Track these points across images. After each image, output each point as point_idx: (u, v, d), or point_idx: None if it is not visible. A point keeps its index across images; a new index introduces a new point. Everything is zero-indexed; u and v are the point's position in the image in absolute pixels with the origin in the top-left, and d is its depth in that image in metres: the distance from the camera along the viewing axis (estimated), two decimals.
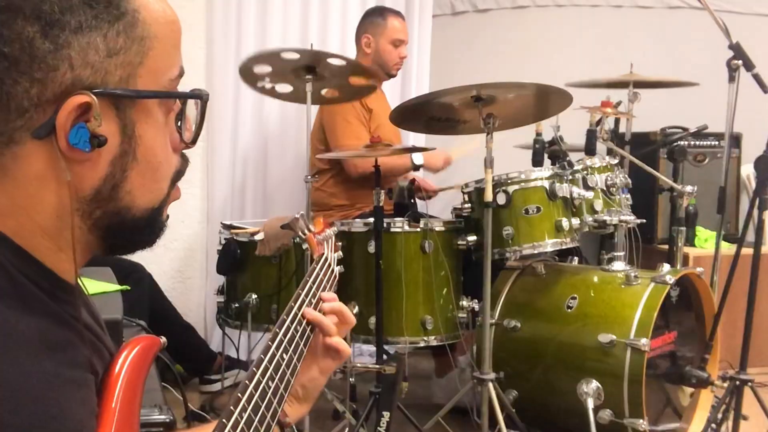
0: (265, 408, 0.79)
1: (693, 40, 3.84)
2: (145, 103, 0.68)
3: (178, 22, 0.71)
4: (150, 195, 0.70)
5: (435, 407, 2.61)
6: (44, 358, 0.61)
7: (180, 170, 0.74)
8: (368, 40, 3.26)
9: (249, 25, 3.47)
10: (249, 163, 3.54)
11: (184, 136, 0.73)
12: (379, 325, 2.44)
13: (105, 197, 0.67)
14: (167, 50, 0.69)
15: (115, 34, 0.64)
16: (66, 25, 0.62)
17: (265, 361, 0.84)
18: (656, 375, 2.36)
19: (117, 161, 0.67)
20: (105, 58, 0.64)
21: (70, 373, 0.63)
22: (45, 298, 0.64)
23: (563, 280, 2.52)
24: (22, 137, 0.63)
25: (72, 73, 0.63)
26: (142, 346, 0.73)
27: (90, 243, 0.69)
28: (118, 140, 0.66)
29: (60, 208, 0.65)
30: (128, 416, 0.68)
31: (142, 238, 0.73)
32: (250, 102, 3.50)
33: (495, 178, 2.42)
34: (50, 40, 0.61)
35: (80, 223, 0.67)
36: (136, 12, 0.66)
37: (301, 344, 0.97)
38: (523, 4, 4.09)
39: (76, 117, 0.63)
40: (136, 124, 0.67)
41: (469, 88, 2.27)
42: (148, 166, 0.69)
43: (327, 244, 1.31)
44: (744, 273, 2.40)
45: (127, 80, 0.66)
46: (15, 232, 0.64)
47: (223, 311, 2.82)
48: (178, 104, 0.72)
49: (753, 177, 2.79)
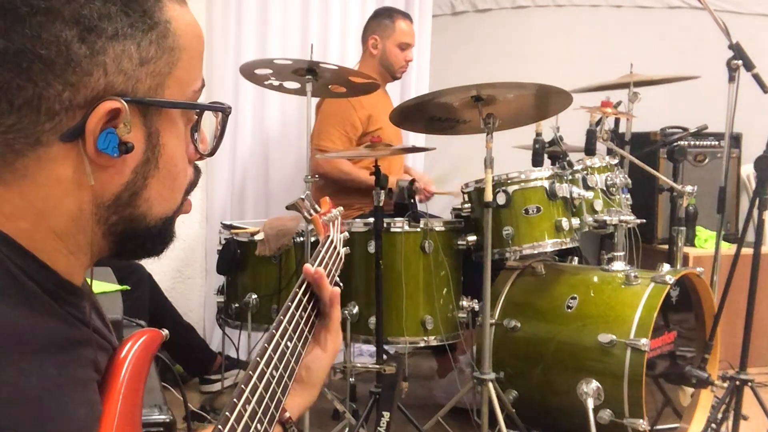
0: (269, 398, 0.80)
1: (693, 40, 3.84)
2: (171, 113, 0.69)
3: (203, 36, 0.73)
4: (166, 204, 0.71)
5: (435, 407, 2.61)
6: (46, 358, 0.61)
7: (193, 181, 0.76)
8: (375, 41, 3.26)
9: (249, 26, 3.47)
10: (249, 164, 3.55)
11: (199, 147, 0.74)
12: (379, 325, 2.44)
13: (123, 203, 0.68)
14: (193, 62, 0.70)
15: (148, 44, 0.65)
16: (103, 32, 0.62)
17: (269, 350, 0.85)
18: (656, 375, 2.36)
19: (140, 168, 0.67)
20: (137, 66, 0.65)
21: (73, 373, 0.63)
22: (49, 300, 0.64)
23: (563, 280, 2.52)
24: (49, 140, 0.63)
25: (105, 79, 0.63)
26: (144, 340, 0.73)
27: (101, 248, 0.70)
28: (143, 148, 0.67)
29: (78, 212, 0.65)
30: (130, 411, 0.68)
31: (152, 246, 0.74)
32: (250, 102, 3.50)
33: (495, 178, 2.42)
34: (87, 45, 0.62)
35: (95, 227, 0.67)
36: (168, 23, 0.67)
37: (306, 331, 0.97)
38: (523, 4, 4.09)
39: (105, 122, 0.63)
40: (160, 132, 0.68)
41: (469, 88, 2.28)
42: (168, 175, 0.70)
43: (333, 225, 1.30)
44: (744, 273, 2.40)
45: (156, 89, 0.67)
46: (25, 233, 0.64)
47: (223, 311, 2.82)
48: (194, 116, 0.73)
49: (753, 177, 2.79)
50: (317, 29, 3.58)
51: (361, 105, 3.12)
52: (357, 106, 3.11)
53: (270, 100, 3.51)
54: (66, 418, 0.60)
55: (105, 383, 0.68)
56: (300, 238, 2.64)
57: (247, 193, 3.56)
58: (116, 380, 0.69)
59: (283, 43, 3.52)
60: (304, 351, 0.96)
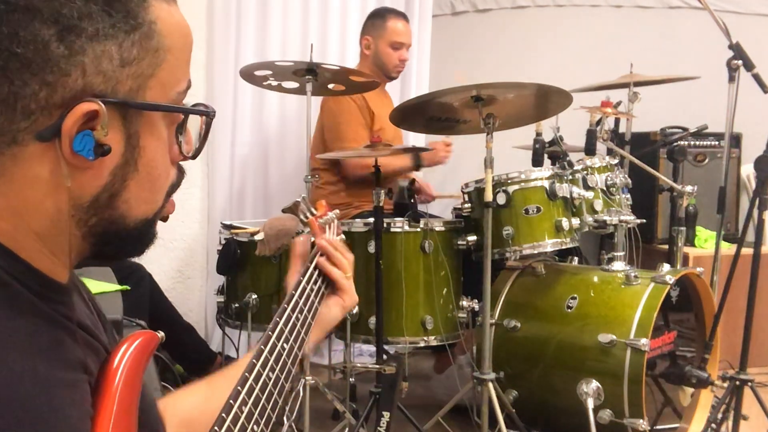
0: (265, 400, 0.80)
1: (693, 40, 3.84)
2: (151, 115, 0.68)
3: (191, 35, 0.71)
4: (146, 206, 0.70)
5: (435, 407, 2.61)
6: (35, 359, 0.60)
7: (176, 183, 0.74)
8: (368, 42, 3.25)
9: (249, 26, 3.47)
10: (249, 164, 3.55)
11: (184, 148, 0.73)
12: (379, 325, 2.44)
13: (102, 205, 0.67)
14: (179, 63, 0.69)
15: (130, 45, 0.64)
16: (83, 32, 0.61)
17: (265, 351, 0.85)
18: (656, 375, 2.36)
19: (118, 171, 0.66)
20: (118, 67, 0.64)
21: (62, 374, 0.62)
22: (33, 299, 0.63)
23: (563, 280, 2.52)
24: (25, 139, 0.62)
25: (83, 79, 0.62)
26: (140, 342, 0.72)
27: (82, 249, 0.69)
28: (122, 150, 0.66)
29: (56, 213, 0.64)
30: (126, 415, 0.67)
31: (132, 248, 0.73)
32: (250, 102, 3.50)
33: (495, 178, 2.42)
34: (66, 44, 0.61)
35: (75, 229, 0.66)
36: (153, 23, 0.66)
37: (302, 332, 0.98)
38: (523, 4, 4.09)
39: (82, 124, 0.62)
40: (140, 135, 0.67)
41: (469, 88, 2.27)
42: (147, 177, 0.69)
43: (329, 228, 1.30)
44: (744, 273, 2.40)
45: (137, 91, 0.66)
46: (6, 233, 0.63)
47: (223, 311, 2.82)
48: (180, 116, 0.72)
49: (753, 177, 2.79)
50: (317, 28, 3.58)
51: (363, 100, 3.11)
52: (360, 102, 3.11)
53: (270, 100, 3.51)
54: (59, 419, 0.60)
55: (100, 385, 0.67)
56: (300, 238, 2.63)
57: (247, 193, 3.56)
58: (111, 382, 0.68)
59: (283, 43, 3.52)
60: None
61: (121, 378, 0.68)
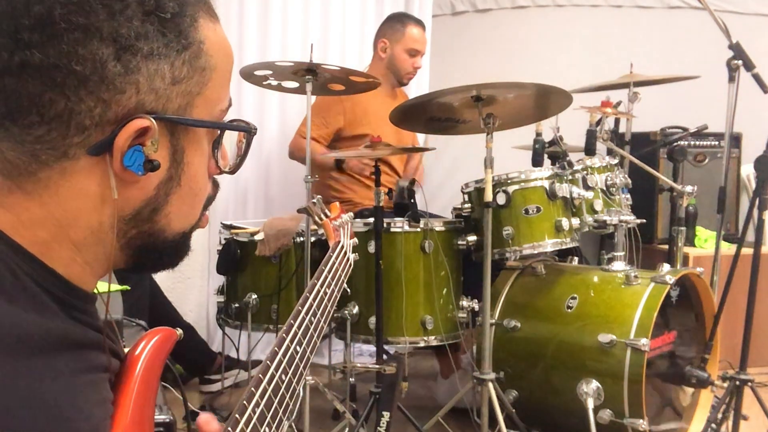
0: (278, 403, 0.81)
1: (693, 40, 3.84)
2: (197, 131, 0.70)
3: (233, 55, 0.74)
4: (185, 220, 0.72)
5: (435, 407, 2.61)
6: (59, 360, 0.61)
7: (212, 196, 0.77)
8: (384, 45, 3.26)
9: (249, 26, 3.47)
10: (249, 163, 3.54)
11: (220, 163, 0.75)
12: (379, 325, 2.44)
13: (144, 218, 0.68)
14: (222, 82, 0.71)
15: (181, 63, 0.66)
16: (139, 51, 0.63)
17: (279, 354, 0.85)
18: (656, 375, 2.36)
19: (163, 185, 0.68)
20: (169, 85, 0.65)
21: (86, 375, 0.63)
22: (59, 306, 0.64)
23: (563, 280, 2.52)
24: (77, 153, 0.63)
25: (137, 97, 0.64)
26: (158, 339, 0.74)
27: (118, 260, 0.70)
28: (167, 165, 0.68)
29: (98, 225, 0.66)
30: (143, 410, 0.68)
31: (168, 260, 0.75)
32: (250, 102, 3.50)
33: (495, 178, 2.42)
34: (122, 63, 0.62)
35: (114, 241, 0.68)
36: (201, 43, 0.68)
37: (315, 336, 0.98)
38: (523, 4, 4.09)
39: (133, 139, 0.64)
40: (185, 151, 0.69)
41: (469, 88, 2.27)
42: (189, 192, 0.71)
43: (343, 230, 1.31)
44: (744, 273, 2.40)
45: (185, 108, 0.67)
46: (42, 242, 0.64)
47: (223, 311, 2.82)
48: (218, 132, 0.74)
49: (753, 177, 2.79)
50: (317, 28, 3.58)
51: (351, 99, 3.11)
52: (345, 99, 3.11)
53: (270, 100, 3.51)
54: (82, 418, 0.61)
55: (118, 382, 0.69)
56: (300, 238, 2.64)
57: (247, 193, 3.56)
58: (130, 379, 0.69)
59: (284, 42, 3.52)
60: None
61: (139, 374, 0.70)
